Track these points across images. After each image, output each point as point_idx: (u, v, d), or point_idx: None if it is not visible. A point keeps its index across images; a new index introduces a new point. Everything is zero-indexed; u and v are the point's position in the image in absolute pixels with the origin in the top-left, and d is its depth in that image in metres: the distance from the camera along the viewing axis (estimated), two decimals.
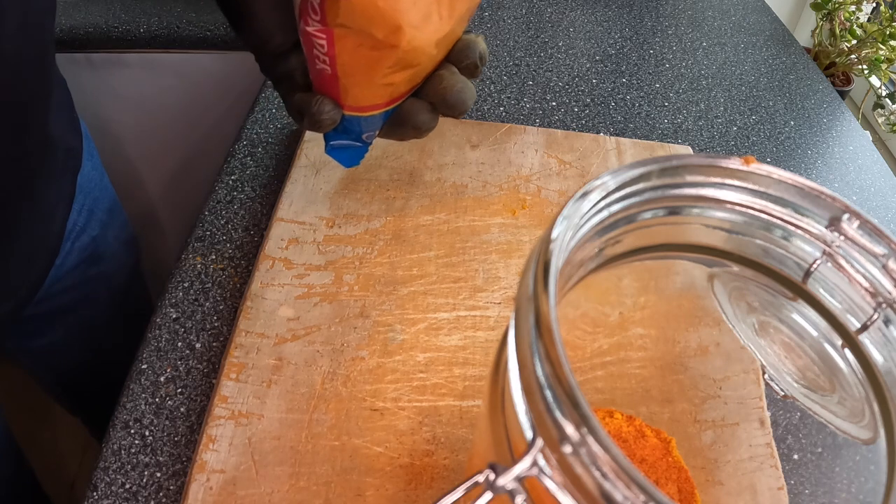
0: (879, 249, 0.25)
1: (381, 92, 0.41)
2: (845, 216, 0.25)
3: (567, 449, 0.18)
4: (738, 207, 0.27)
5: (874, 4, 1.10)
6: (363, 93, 0.41)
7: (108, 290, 0.70)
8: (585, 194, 0.23)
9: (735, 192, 0.26)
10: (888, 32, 0.93)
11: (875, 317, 0.25)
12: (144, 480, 0.40)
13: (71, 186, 0.57)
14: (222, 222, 0.54)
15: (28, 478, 0.75)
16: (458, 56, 0.42)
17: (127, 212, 0.72)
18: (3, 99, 0.41)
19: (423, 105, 0.43)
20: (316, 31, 0.37)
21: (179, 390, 0.44)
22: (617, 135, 0.67)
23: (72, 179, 0.57)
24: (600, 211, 0.24)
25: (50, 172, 0.52)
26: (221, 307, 0.48)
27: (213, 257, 0.51)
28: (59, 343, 0.69)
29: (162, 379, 0.44)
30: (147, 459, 0.41)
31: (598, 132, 0.67)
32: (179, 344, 0.46)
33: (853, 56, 0.98)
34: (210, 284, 0.49)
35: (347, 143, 0.46)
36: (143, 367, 0.45)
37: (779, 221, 0.26)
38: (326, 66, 0.39)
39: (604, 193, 0.24)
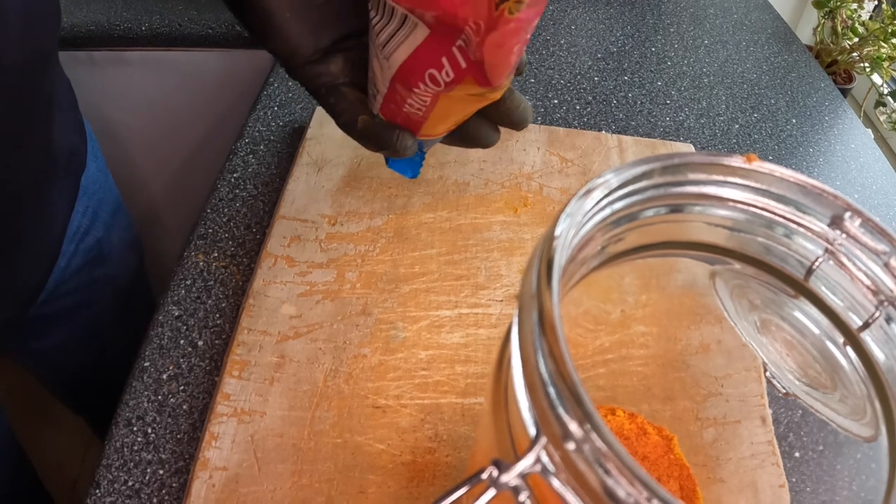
0: (881, 247, 0.25)
1: (457, 122, 0.41)
2: (847, 214, 0.25)
3: (570, 446, 0.18)
4: (740, 205, 0.27)
5: (876, 2, 1.10)
6: (442, 126, 0.40)
7: (111, 291, 0.70)
8: (588, 192, 0.23)
9: (737, 190, 0.26)
10: (890, 30, 0.93)
11: (877, 314, 0.25)
12: (147, 478, 0.40)
13: (73, 189, 0.57)
14: (224, 220, 0.54)
15: (30, 477, 0.75)
16: None
17: (129, 210, 0.73)
18: (6, 105, 0.41)
19: (490, 125, 0.41)
20: (426, 92, 0.36)
21: (182, 388, 0.44)
22: (619, 132, 0.67)
23: (74, 182, 0.57)
24: (603, 209, 0.24)
25: (52, 175, 0.52)
26: (224, 305, 0.48)
27: (216, 255, 0.51)
28: (63, 344, 0.69)
29: (164, 376, 0.44)
30: (150, 457, 0.41)
31: (599, 130, 0.67)
32: (182, 341, 0.46)
33: (855, 54, 0.98)
34: (212, 282, 0.49)
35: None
36: (146, 364, 0.45)
37: (781, 219, 0.26)
38: (418, 113, 0.38)
39: (606, 191, 0.24)
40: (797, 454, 0.41)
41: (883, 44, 0.94)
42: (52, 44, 0.46)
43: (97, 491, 0.39)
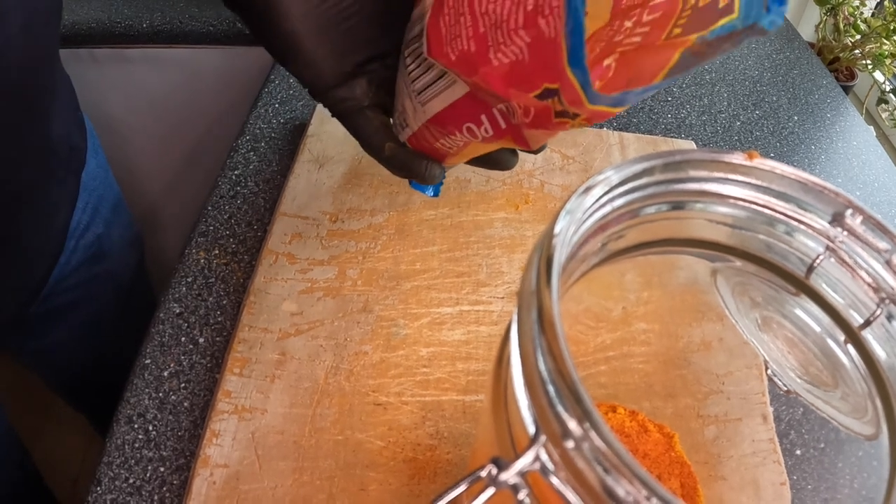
0: (883, 245, 0.25)
1: (481, 154, 0.40)
2: (848, 211, 0.25)
3: (570, 444, 0.18)
4: (741, 202, 0.26)
5: None
6: (469, 157, 0.40)
7: (112, 287, 0.70)
8: (588, 189, 0.23)
9: (738, 188, 0.26)
10: (892, 27, 0.92)
11: (878, 312, 0.25)
12: (148, 475, 0.40)
13: (74, 185, 0.57)
14: (225, 217, 0.54)
15: (31, 474, 0.75)
16: None
17: (130, 208, 0.73)
18: (7, 102, 0.41)
19: (509, 150, 0.41)
20: (461, 139, 0.35)
21: (183, 385, 0.44)
22: (620, 130, 0.66)
23: (75, 178, 0.57)
24: (603, 206, 0.24)
25: (53, 172, 0.52)
26: (224, 302, 0.48)
27: (217, 252, 0.51)
28: (64, 341, 0.69)
29: (165, 374, 0.44)
30: (150, 454, 0.41)
31: (601, 127, 0.67)
32: (183, 339, 0.46)
33: (857, 51, 0.98)
34: (213, 279, 0.49)
35: None
36: (147, 361, 0.45)
37: (782, 217, 0.26)
38: (449, 150, 0.37)
39: (607, 188, 0.24)
40: (798, 452, 0.41)
41: (885, 41, 0.94)
42: (53, 41, 0.46)
43: (98, 488, 0.39)
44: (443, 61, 0.32)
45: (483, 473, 0.19)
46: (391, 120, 0.39)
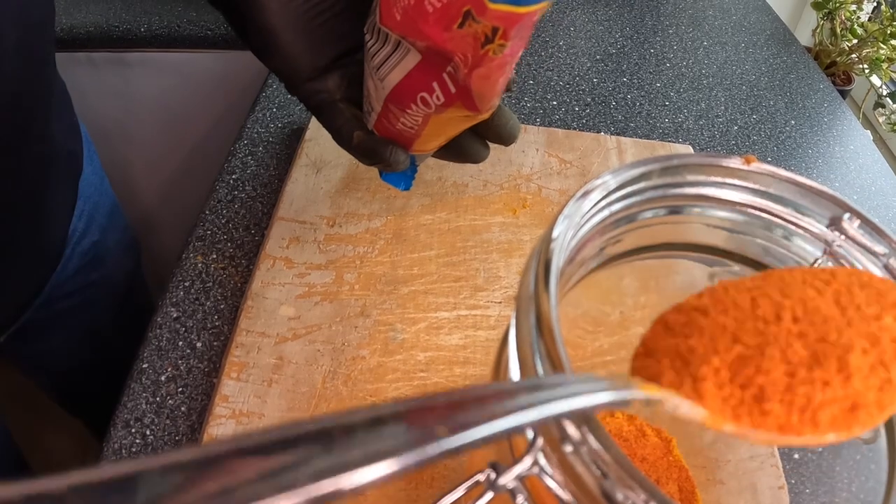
0: (880, 248, 0.25)
1: (448, 138, 0.42)
2: (846, 215, 0.25)
3: (568, 448, 0.18)
4: (738, 207, 0.27)
5: (875, 4, 1.10)
6: (434, 143, 0.41)
7: (109, 293, 0.70)
8: (586, 193, 0.23)
9: (736, 192, 0.26)
10: (889, 32, 0.93)
11: None
12: None
13: (72, 191, 0.57)
14: (223, 221, 0.54)
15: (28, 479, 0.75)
16: None
17: (127, 212, 0.72)
18: (3, 113, 0.41)
19: (480, 141, 0.43)
20: (418, 113, 0.37)
21: (180, 389, 0.44)
22: (618, 134, 0.67)
23: (73, 184, 0.57)
24: (601, 210, 0.24)
25: (51, 179, 0.52)
26: (222, 306, 0.48)
27: (214, 256, 0.51)
28: (61, 347, 0.69)
29: (163, 378, 0.44)
30: None
31: (598, 131, 0.67)
32: (180, 343, 0.46)
33: (854, 55, 0.98)
34: (211, 283, 0.49)
35: None
36: (144, 366, 0.45)
37: (780, 221, 0.26)
38: (410, 130, 0.39)
39: (604, 192, 0.24)
40: (796, 456, 0.41)
41: (882, 45, 0.94)
42: (48, 50, 0.46)
43: None
44: (391, 25, 0.33)
45: (481, 478, 0.19)
46: (362, 112, 0.41)
